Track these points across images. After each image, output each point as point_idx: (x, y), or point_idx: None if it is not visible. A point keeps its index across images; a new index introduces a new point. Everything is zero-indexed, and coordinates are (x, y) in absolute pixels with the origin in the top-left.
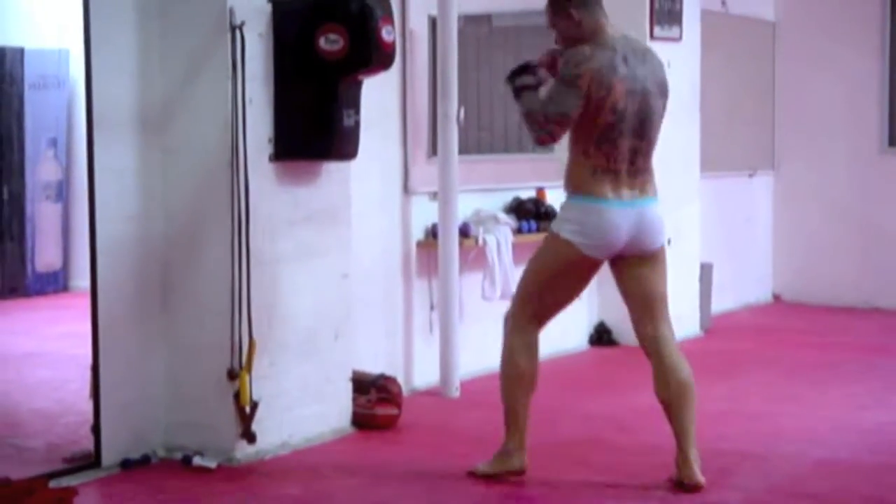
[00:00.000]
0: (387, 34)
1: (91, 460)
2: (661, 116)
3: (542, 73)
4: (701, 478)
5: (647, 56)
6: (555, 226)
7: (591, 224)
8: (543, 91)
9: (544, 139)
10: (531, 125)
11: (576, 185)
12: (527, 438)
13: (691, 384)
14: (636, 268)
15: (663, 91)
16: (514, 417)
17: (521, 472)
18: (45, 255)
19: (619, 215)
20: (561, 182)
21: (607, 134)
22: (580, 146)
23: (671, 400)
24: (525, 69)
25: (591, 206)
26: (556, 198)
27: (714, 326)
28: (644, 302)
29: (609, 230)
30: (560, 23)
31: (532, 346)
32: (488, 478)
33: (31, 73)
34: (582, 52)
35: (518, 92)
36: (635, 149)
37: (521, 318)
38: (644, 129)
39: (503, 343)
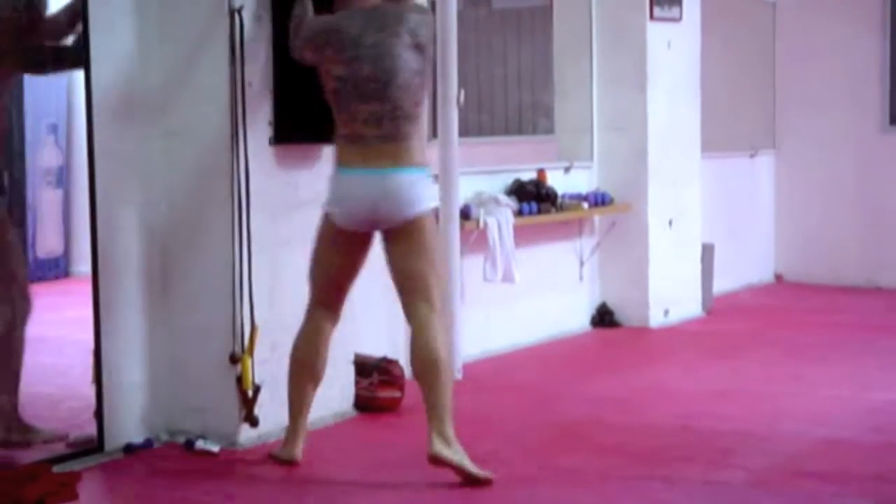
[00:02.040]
0: None
1: (94, 445)
2: (418, 74)
3: None
4: (442, 452)
5: (387, 19)
6: None
7: (335, 192)
8: (308, 7)
9: (301, 57)
10: (291, 37)
11: (335, 156)
12: (302, 430)
13: (440, 365)
14: (391, 242)
15: (416, 44)
16: (291, 405)
17: (291, 463)
18: (46, 241)
19: (357, 182)
20: (560, 164)
21: (339, 100)
22: (335, 116)
23: (418, 378)
24: None
25: (336, 174)
26: (556, 179)
27: (716, 307)
28: (400, 277)
29: (346, 197)
30: None
31: (311, 333)
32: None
33: None
34: (310, 22)
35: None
36: (378, 113)
37: (310, 303)
38: (384, 93)
39: None
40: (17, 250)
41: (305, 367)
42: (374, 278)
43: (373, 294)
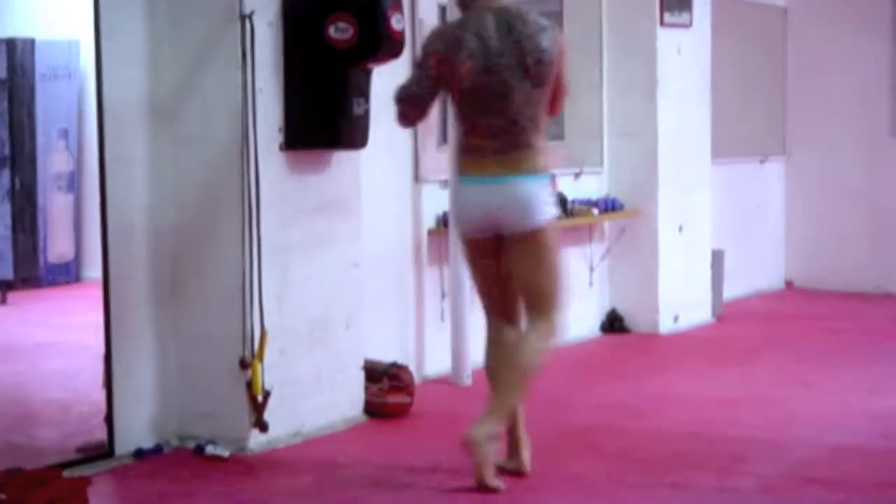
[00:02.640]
0: (396, 22)
1: (104, 450)
2: (537, 86)
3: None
4: (480, 441)
5: (514, 29)
6: None
7: (459, 202)
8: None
9: (401, 120)
10: (395, 103)
11: (455, 167)
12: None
13: (515, 362)
14: (509, 249)
15: (534, 63)
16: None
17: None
18: (57, 246)
19: (479, 191)
20: (570, 169)
21: (464, 111)
22: (456, 125)
23: (494, 370)
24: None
25: (458, 185)
26: (566, 185)
27: (726, 313)
28: (517, 284)
29: (470, 207)
30: None
31: (489, 344)
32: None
33: (41, 63)
34: (436, 30)
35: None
36: (500, 125)
37: (486, 316)
38: (504, 105)
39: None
40: None
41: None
42: (383, 283)
43: (383, 299)
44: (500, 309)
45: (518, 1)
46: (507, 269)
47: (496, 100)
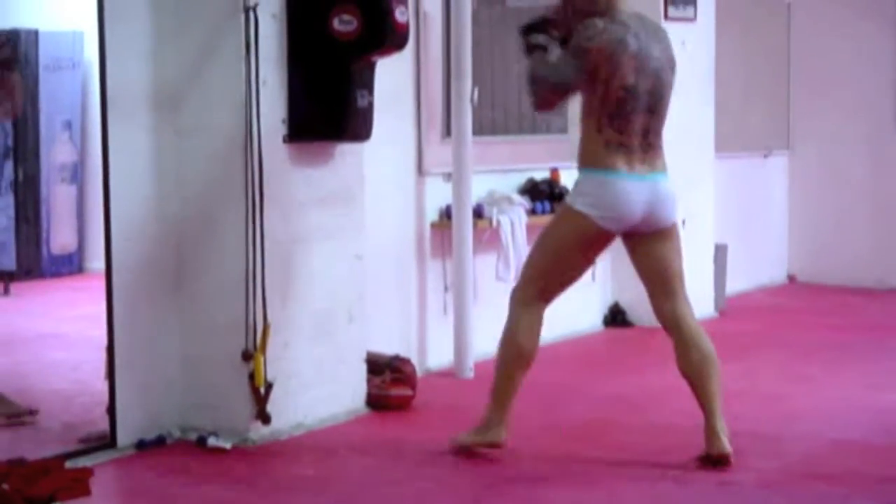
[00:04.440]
0: (400, 15)
1: (106, 441)
2: (672, 92)
3: (554, 32)
4: (729, 448)
5: (659, 34)
6: (569, 199)
7: (607, 196)
8: (553, 55)
9: (542, 105)
10: (533, 89)
11: (590, 160)
12: (510, 414)
13: (713, 357)
14: (650, 244)
15: (673, 68)
16: (503, 393)
17: (499, 446)
18: (60, 237)
19: (633, 188)
20: (573, 163)
21: (619, 109)
22: (593, 120)
23: (693, 374)
24: (539, 26)
25: (605, 178)
26: (570, 178)
27: (729, 307)
28: (660, 278)
29: (624, 202)
30: None
31: (535, 326)
32: (465, 449)
33: (45, 55)
34: (594, 25)
35: (530, 50)
36: (647, 124)
37: (527, 295)
38: (656, 106)
39: (508, 318)
40: None
41: (527, 358)
42: (385, 276)
43: (385, 292)
44: (552, 296)
45: None
46: (648, 261)
47: (653, 99)
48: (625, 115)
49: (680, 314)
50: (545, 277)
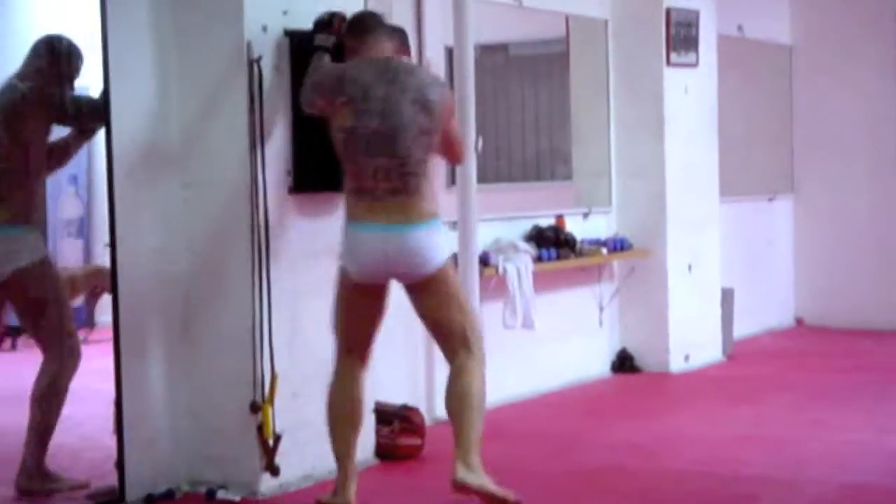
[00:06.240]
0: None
1: (115, 496)
2: (425, 133)
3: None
4: (466, 478)
5: (399, 76)
6: None
7: (349, 248)
8: (326, 61)
9: (304, 106)
10: (303, 90)
11: (346, 209)
12: (353, 474)
13: (468, 397)
14: (415, 294)
15: (424, 107)
16: (335, 453)
17: None
18: None
19: (370, 239)
20: (578, 210)
21: (346, 153)
22: (343, 169)
23: (450, 413)
24: (327, 24)
25: (349, 230)
26: (575, 225)
27: (736, 351)
28: (433, 327)
29: (362, 254)
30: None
31: (343, 382)
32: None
33: None
34: (327, 68)
35: (313, 49)
36: (387, 168)
37: (336, 352)
38: (394, 147)
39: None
40: (69, 305)
41: (344, 415)
42: (393, 326)
43: (393, 342)
44: (355, 347)
45: (525, 43)
46: (420, 313)
47: (384, 142)
48: (353, 159)
49: (454, 362)
50: (338, 331)
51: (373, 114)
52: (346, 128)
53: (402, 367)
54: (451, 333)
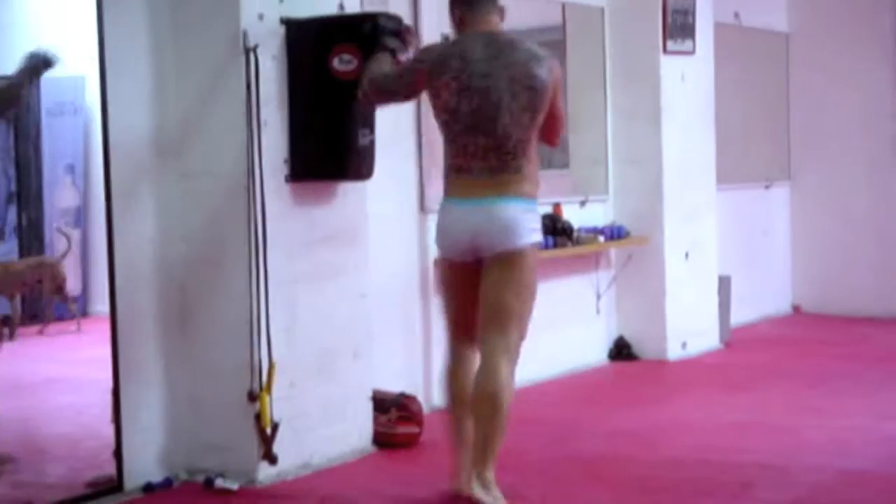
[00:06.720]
0: (402, 55)
1: (113, 485)
2: (527, 110)
3: (409, 47)
4: (484, 499)
5: (503, 51)
6: None
7: (441, 224)
8: (387, 59)
9: (365, 100)
10: (364, 83)
11: (444, 187)
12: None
13: (496, 401)
14: (488, 270)
15: (529, 85)
16: (452, 435)
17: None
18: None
19: (461, 213)
20: (575, 198)
21: (448, 132)
22: (444, 146)
23: (474, 409)
24: (399, 33)
25: (443, 206)
26: (572, 213)
27: (734, 339)
28: (484, 305)
29: (452, 229)
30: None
31: (461, 368)
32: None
33: (47, 100)
34: (428, 47)
35: (380, 49)
36: (486, 147)
37: (450, 340)
38: (493, 126)
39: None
40: None
41: (465, 401)
42: (390, 313)
43: (391, 330)
44: (467, 332)
45: (522, 31)
46: (482, 292)
47: (484, 120)
48: (454, 138)
49: (485, 348)
50: (449, 317)
51: (473, 92)
52: (449, 108)
53: (400, 355)
54: (496, 315)
